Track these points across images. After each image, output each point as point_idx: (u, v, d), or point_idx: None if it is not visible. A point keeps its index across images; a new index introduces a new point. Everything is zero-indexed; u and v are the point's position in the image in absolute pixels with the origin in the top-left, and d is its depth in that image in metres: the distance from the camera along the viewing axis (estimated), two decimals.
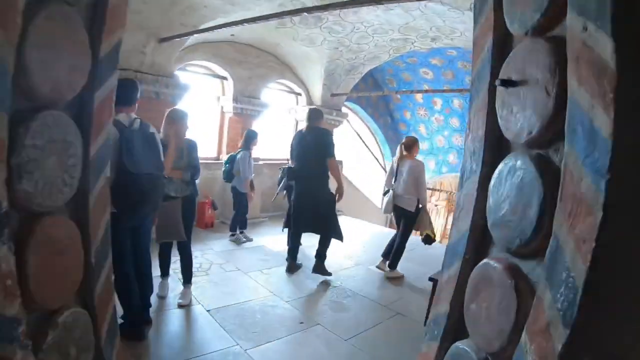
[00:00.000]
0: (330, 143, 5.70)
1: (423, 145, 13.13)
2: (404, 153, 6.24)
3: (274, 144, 10.19)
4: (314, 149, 5.67)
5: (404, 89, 12.62)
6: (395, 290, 5.70)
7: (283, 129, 10.73)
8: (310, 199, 5.74)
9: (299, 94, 10.27)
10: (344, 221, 9.64)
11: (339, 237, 5.93)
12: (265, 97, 9.36)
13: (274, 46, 8.81)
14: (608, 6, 1.01)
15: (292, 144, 6.07)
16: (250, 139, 7.07)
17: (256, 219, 8.73)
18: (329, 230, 5.84)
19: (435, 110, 12.88)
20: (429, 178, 13.38)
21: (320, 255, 5.81)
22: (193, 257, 4.71)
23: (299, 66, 9.54)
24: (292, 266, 6.01)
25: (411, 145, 6.21)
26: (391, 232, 9.18)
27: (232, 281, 5.31)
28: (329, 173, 5.78)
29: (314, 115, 5.92)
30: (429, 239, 6.09)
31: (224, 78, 8.74)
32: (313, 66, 9.35)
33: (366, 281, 5.94)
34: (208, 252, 6.36)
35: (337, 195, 5.80)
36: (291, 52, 9.02)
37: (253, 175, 7.18)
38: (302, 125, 10.19)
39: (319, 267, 5.77)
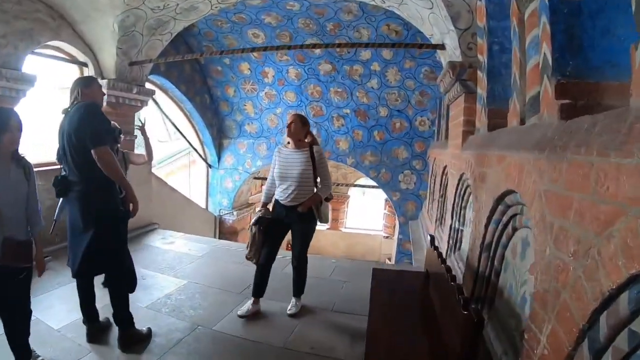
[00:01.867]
0: (91, 124, 3.40)
1: (251, 128, 12.04)
2: None
3: (49, 140, 7.38)
4: (73, 140, 3.44)
5: (226, 59, 10.69)
6: None
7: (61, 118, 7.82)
8: (81, 222, 3.58)
9: (84, 64, 7.40)
10: (157, 241, 7.46)
11: (127, 285, 3.87)
12: (30, 68, 6.15)
13: None
14: None
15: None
16: None
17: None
18: (116, 272, 3.77)
19: (266, 84, 11.37)
20: (261, 167, 12.43)
21: (121, 317, 3.77)
22: None
23: (83, 20, 6.69)
24: (91, 331, 3.86)
25: None
26: (231, 247, 7.20)
27: None
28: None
29: (76, 86, 3.70)
30: None
31: None
32: (102, 19, 6.62)
33: None
34: None
35: (131, 207, 3.73)
36: None
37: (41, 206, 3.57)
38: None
39: (125, 338, 3.76)
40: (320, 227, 18.17)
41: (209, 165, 13.20)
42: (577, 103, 2.13)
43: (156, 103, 10.30)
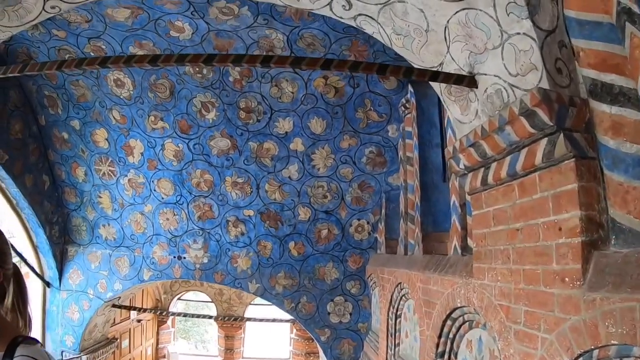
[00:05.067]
0: None
1: (108, 232, 9.67)
2: None
3: None
4: None
5: (74, 120, 8.51)
6: None
7: None
8: None
9: None
10: None
11: None
12: None
13: None
14: None
15: None
16: None
17: None
18: None
19: (130, 165, 8.95)
20: (120, 291, 9.92)
21: None
22: None
23: None
24: None
25: None
26: None
27: None
28: None
29: None
30: None
31: None
32: None
33: None
34: None
35: None
36: None
37: None
38: None
39: None
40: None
41: (47, 284, 10.45)
42: None
43: None
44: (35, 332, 10.18)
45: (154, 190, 9.04)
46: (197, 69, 7.12)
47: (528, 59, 2.70)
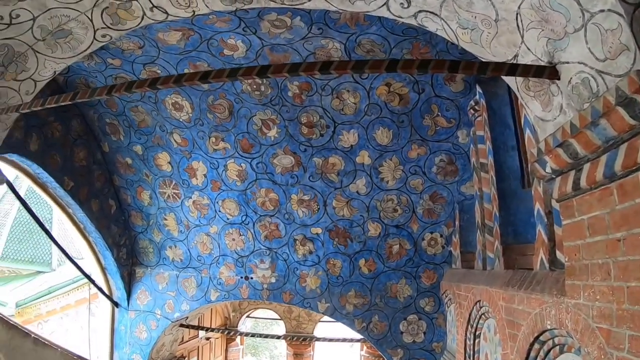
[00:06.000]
0: None
1: (174, 253, 9.68)
2: None
3: None
4: None
5: (136, 145, 8.59)
6: None
7: None
8: None
9: None
10: None
11: None
12: None
13: None
14: None
15: None
16: None
17: None
18: None
19: (194, 188, 8.96)
20: (187, 312, 9.97)
21: None
22: None
23: None
24: None
25: None
26: None
27: None
28: None
29: None
30: None
31: None
32: None
33: None
34: None
35: None
36: None
37: None
38: None
39: None
40: None
41: (115, 304, 10.59)
42: None
43: (20, 199, 8.13)
44: (104, 351, 10.65)
45: (219, 211, 9.00)
46: (255, 87, 7.03)
47: (617, 39, 2.33)
